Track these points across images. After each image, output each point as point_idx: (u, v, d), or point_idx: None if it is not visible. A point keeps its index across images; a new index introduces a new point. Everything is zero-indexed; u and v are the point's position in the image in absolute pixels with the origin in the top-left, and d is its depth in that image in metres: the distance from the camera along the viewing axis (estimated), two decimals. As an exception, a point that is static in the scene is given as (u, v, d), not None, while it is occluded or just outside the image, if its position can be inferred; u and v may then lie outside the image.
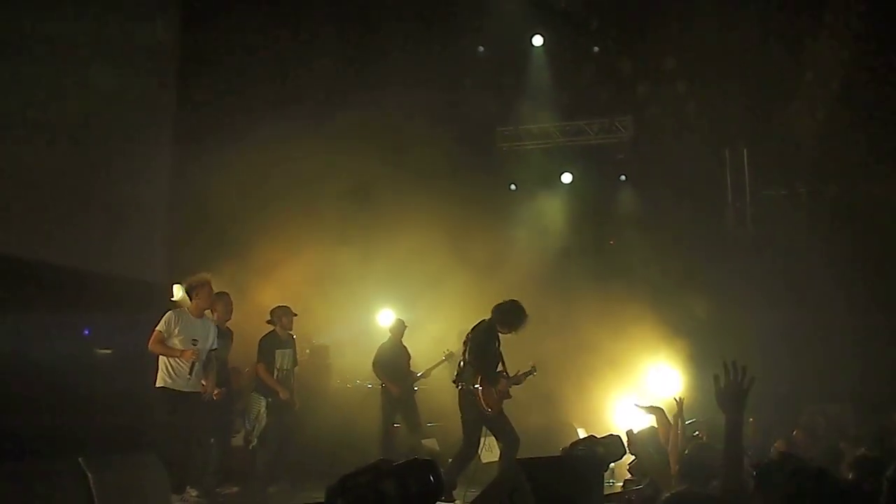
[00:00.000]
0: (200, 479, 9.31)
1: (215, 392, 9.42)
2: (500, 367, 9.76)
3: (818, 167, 15.06)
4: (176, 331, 8.87)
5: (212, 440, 9.90)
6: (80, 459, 6.99)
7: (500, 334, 9.77)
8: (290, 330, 10.72)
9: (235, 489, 9.95)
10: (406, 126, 14.26)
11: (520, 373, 9.93)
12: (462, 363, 9.71)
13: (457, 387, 9.68)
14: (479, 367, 9.47)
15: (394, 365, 12.01)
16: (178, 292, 13.30)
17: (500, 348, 9.80)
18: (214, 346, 9.26)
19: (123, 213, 12.14)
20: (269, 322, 10.65)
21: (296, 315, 10.72)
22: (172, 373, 8.81)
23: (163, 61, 13.12)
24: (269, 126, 12.63)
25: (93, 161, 11.55)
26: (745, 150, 15.83)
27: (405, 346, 12.22)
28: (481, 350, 9.54)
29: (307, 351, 12.54)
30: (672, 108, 15.41)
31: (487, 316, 9.77)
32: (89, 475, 6.93)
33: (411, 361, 12.23)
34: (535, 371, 10.09)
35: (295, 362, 10.72)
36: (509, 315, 9.74)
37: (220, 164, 12.55)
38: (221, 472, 9.91)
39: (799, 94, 14.69)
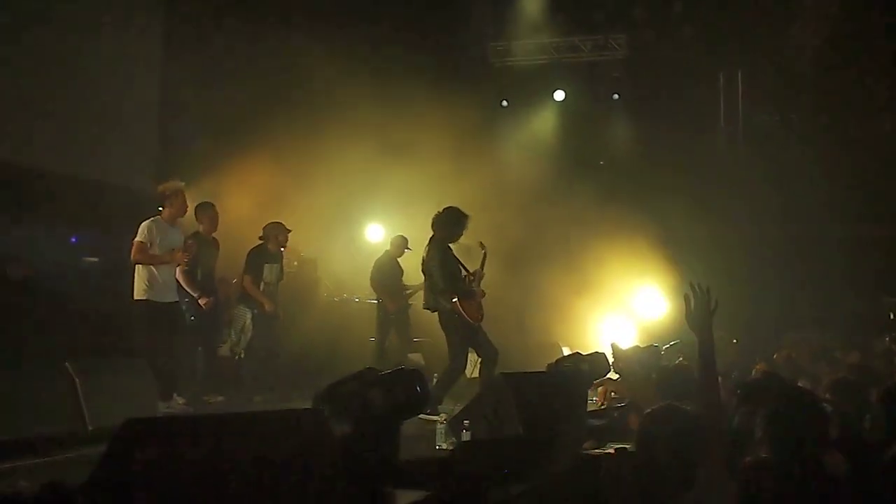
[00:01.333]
0: (187, 387, 9.37)
1: (203, 300, 9.45)
2: (464, 274, 9.68)
3: (812, 95, 14.97)
4: (158, 240, 8.81)
5: (199, 348, 9.96)
6: (66, 363, 7.02)
7: (450, 245, 9.58)
8: (285, 246, 10.68)
9: (221, 398, 10.01)
10: (397, 40, 14.08)
11: (480, 265, 9.75)
12: (426, 288, 9.62)
13: (432, 311, 9.68)
14: (449, 286, 9.41)
15: (391, 281, 12.00)
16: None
17: (457, 257, 9.61)
18: None
19: (111, 120, 12.01)
20: (260, 238, 10.58)
21: (290, 231, 10.65)
22: (155, 283, 8.73)
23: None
24: (260, 37, 12.45)
25: (81, 67, 11.39)
26: (739, 74, 15.71)
27: (399, 263, 12.17)
28: (443, 269, 9.39)
29: (295, 263, 12.51)
30: (668, 28, 15.23)
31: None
32: (76, 379, 6.97)
33: (404, 277, 12.20)
34: (485, 247, 9.79)
35: (281, 276, 10.72)
36: (449, 224, 9.48)
37: (209, 72, 12.39)
38: (208, 381, 9.97)
39: (797, 20, 14.54)
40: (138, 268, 8.72)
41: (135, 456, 3.48)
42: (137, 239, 8.70)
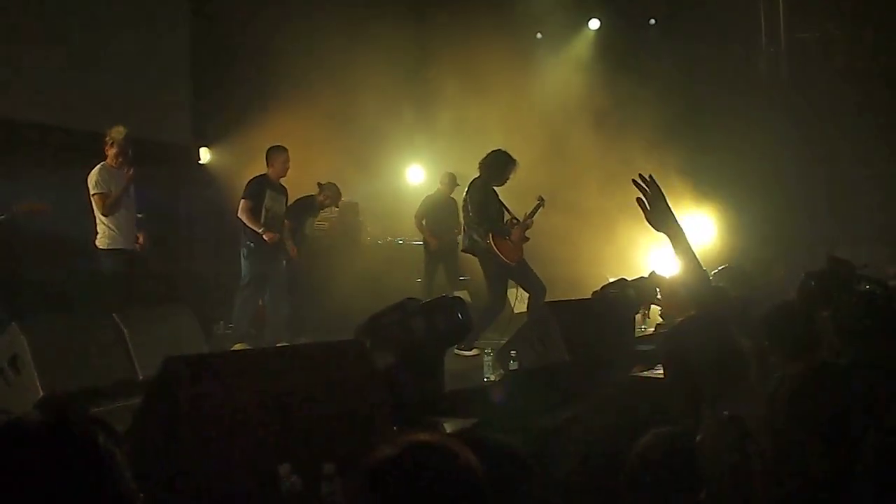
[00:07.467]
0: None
1: (268, 235, 9.41)
2: (507, 218, 9.73)
3: (855, 10, 14.49)
4: (112, 187, 8.50)
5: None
6: (113, 314, 7.08)
7: (495, 188, 9.68)
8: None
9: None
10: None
11: (528, 213, 9.81)
12: (465, 229, 9.71)
13: (468, 252, 9.72)
14: (484, 225, 9.44)
15: (437, 218, 11.90)
16: (206, 155, 13.29)
17: (501, 200, 9.74)
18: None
19: (144, 75, 11.98)
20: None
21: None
22: (122, 230, 8.56)
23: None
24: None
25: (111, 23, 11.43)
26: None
27: (454, 200, 11.96)
28: (481, 209, 9.49)
29: (336, 208, 12.48)
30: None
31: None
32: (124, 329, 7.03)
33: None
34: (543, 202, 9.90)
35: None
36: (495, 166, 9.61)
37: (238, 25, 12.30)
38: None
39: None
40: (103, 217, 8.47)
41: (177, 393, 3.48)
42: (97, 191, 8.39)
